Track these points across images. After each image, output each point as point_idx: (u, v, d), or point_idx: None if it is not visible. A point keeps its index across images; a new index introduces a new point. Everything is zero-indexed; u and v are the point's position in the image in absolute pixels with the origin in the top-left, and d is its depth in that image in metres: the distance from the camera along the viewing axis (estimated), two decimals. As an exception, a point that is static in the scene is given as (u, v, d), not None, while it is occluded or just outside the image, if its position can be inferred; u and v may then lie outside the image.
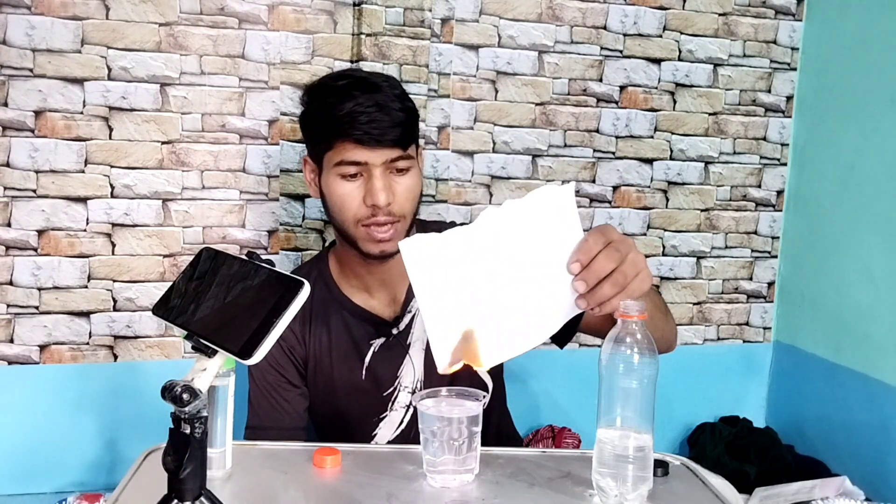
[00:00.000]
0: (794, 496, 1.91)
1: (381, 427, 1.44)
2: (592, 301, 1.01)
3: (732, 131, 2.37)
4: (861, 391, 2.12)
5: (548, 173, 2.23)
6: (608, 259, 1.00)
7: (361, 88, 1.30)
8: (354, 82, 1.32)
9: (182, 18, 1.94)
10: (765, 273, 2.45)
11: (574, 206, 1.02)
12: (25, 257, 1.91)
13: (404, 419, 1.43)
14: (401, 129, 1.29)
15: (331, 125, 1.30)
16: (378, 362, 1.42)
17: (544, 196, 1.01)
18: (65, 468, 1.96)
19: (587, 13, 2.20)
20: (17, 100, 1.86)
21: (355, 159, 1.29)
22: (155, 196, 1.97)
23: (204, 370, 0.80)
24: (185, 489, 0.79)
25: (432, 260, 0.95)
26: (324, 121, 1.31)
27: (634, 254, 1.03)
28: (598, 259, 1.00)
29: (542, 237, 1.01)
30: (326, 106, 1.31)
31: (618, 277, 1.01)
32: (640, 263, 1.03)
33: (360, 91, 1.30)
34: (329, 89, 1.33)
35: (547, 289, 1.02)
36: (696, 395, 2.38)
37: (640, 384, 1.00)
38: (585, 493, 1.08)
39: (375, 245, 1.33)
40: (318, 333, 1.44)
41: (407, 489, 1.08)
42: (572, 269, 1.01)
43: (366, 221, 1.32)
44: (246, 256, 0.87)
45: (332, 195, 1.34)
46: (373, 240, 1.33)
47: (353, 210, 1.32)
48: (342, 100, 1.29)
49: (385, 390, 1.43)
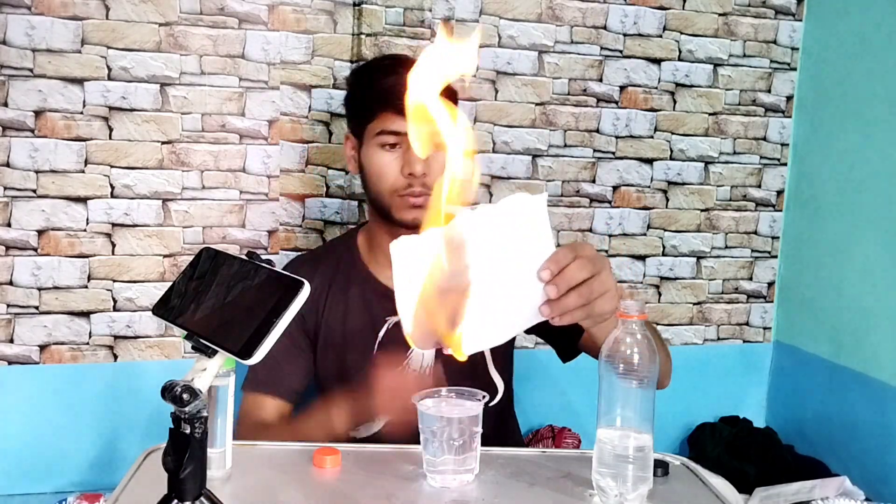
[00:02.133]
0: (794, 496, 1.91)
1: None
2: (556, 309, 1.01)
3: (732, 131, 2.37)
4: (861, 391, 2.12)
5: (548, 173, 2.23)
6: (580, 269, 1.01)
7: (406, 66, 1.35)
8: (399, 61, 1.43)
9: (182, 18, 1.94)
10: (765, 273, 2.45)
11: (546, 215, 1.02)
12: (25, 257, 1.91)
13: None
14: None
15: (374, 97, 1.40)
16: (391, 340, 1.42)
17: (516, 203, 1.01)
18: (65, 468, 1.96)
19: (587, 13, 2.20)
20: (17, 100, 1.86)
21: (395, 129, 1.37)
22: (155, 196, 1.97)
23: (204, 370, 0.80)
24: (185, 489, 0.79)
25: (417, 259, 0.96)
26: (368, 93, 1.42)
27: (607, 273, 1.04)
28: (570, 268, 1.00)
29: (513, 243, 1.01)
30: (371, 80, 1.43)
31: (584, 290, 1.01)
32: (608, 283, 1.04)
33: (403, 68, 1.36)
34: (375, 66, 1.47)
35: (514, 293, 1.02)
36: (696, 395, 2.38)
37: (640, 384, 1.00)
38: (585, 493, 1.08)
39: (409, 211, 1.39)
40: (335, 303, 1.49)
41: (407, 489, 1.08)
42: (542, 275, 1.00)
43: (402, 192, 1.39)
44: (246, 256, 0.87)
45: (371, 165, 1.42)
46: (408, 206, 1.39)
47: (391, 180, 1.40)
48: (386, 74, 1.39)
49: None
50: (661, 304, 2.38)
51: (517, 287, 1.02)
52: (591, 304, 1.02)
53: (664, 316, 2.38)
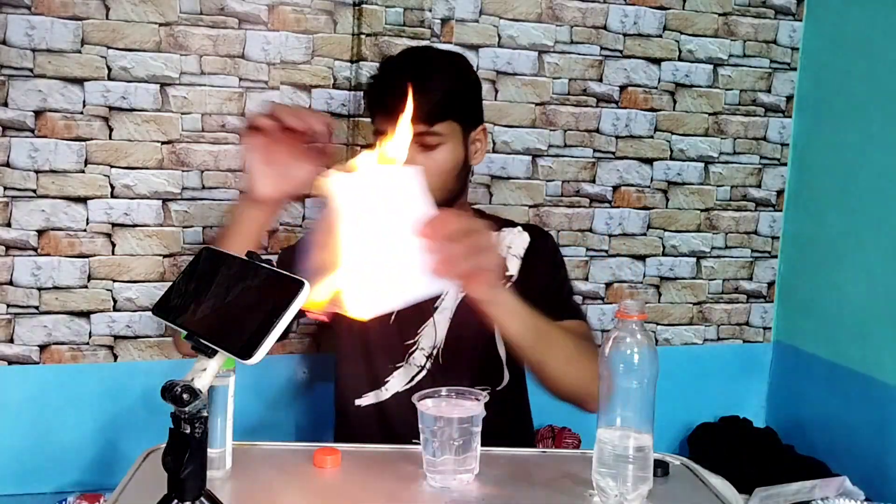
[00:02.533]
0: (794, 496, 1.91)
1: (395, 375, 1.47)
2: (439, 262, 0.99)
3: (732, 131, 2.37)
4: (861, 391, 2.12)
5: (548, 173, 2.23)
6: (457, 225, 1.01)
7: (401, 65, 1.41)
8: (399, 60, 1.45)
9: (182, 18, 1.94)
10: (765, 273, 2.45)
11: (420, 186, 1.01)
12: (25, 257, 1.91)
13: (416, 377, 1.46)
14: (430, 104, 1.33)
15: (368, 98, 1.48)
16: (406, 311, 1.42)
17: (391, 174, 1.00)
18: (65, 468, 1.96)
19: (587, 13, 2.20)
20: (17, 100, 1.86)
21: (385, 129, 1.35)
22: (155, 196, 1.97)
23: (204, 370, 0.80)
24: (185, 489, 0.79)
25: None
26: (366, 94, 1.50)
27: (486, 235, 1.07)
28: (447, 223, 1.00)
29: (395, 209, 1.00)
30: (370, 81, 1.48)
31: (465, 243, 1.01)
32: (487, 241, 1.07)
33: (397, 68, 1.41)
34: (379, 66, 1.50)
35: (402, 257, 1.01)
36: (696, 395, 2.38)
37: (640, 384, 1.00)
38: (585, 493, 1.08)
39: None
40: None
41: (407, 489, 1.08)
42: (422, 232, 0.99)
43: None
44: (246, 256, 0.87)
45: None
46: None
47: None
48: (381, 73, 1.44)
49: (406, 340, 1.47)
50: (661, 304, 2.38)
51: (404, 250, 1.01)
52: (474, 257, 1.03)
53: (664, 316, 2.38)
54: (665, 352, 1.74)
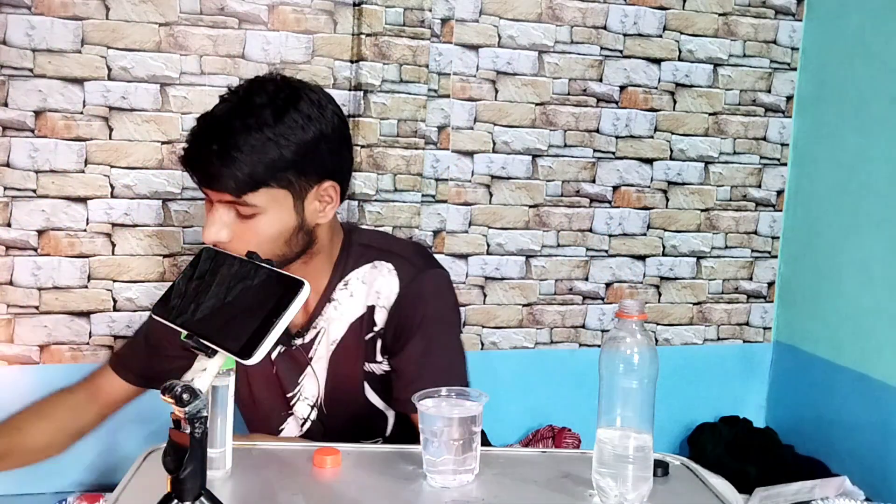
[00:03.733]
0: (794, 496, 1.91)
1: (288, 423, 1.40)
2: None
3: (732, 131, 2.37)
4: (861, 391, 2.12)
5: (548, 173, 2.23)
6: None
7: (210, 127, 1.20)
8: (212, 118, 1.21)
9: (182, 18, 1.94)
10: (765, 273, 2.45)
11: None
12: (25, 257, 1.91)
13: (304, 426, 1.39)
14: (235, 177, 1.16)
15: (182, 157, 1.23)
16: (283, 361, 1.38)
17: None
18: (65, 468, 1.95)
19: (587, 13, 2.20)
20: (17, 100, 1.86)
21: (204, 191, 1.23)
22: (155, 196, 1.97)
23: (204, 370, 0.80)
24: (185, 489, 0.79)
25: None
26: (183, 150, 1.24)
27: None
28: None
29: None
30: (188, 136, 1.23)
31: None
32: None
33: (207, 128, 1.20)
34: (196, 121, 1.23)
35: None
36: (696, 395, 2.38)
37: (640, 384, 1.00)
38: (585, 493, 1.07)
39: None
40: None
41: (407, 489, 1.08)
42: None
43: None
44: (246, 256, 0.87)
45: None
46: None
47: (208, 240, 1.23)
48: (192, 133, 1.21)
49: (289, 391, 1.39)
50: (661, 304, 2.38)
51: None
52: None
53: (664, 316, 2.38)
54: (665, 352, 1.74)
